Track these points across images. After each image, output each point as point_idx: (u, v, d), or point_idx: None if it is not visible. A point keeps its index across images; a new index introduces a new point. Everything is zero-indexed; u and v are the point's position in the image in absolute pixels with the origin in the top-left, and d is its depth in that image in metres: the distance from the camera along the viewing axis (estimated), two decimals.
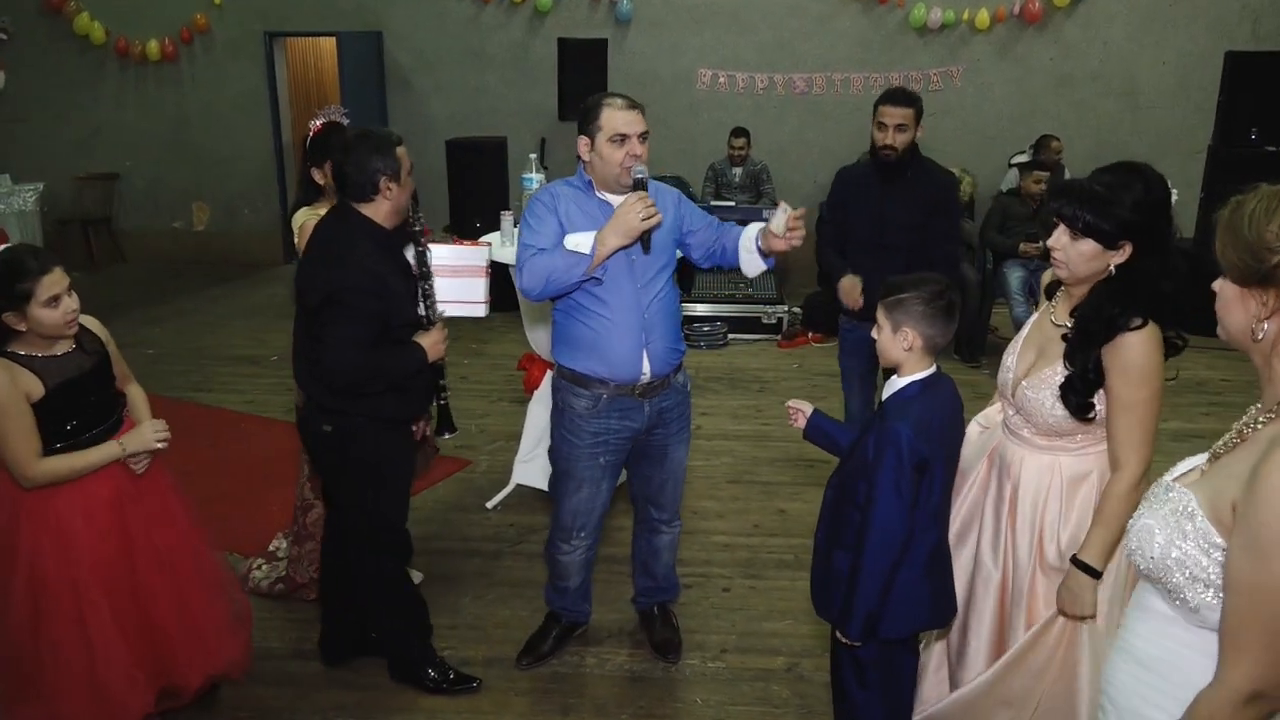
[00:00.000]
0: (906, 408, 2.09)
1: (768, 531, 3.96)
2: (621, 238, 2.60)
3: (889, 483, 2.05)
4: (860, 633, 2.13)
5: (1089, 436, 2.16)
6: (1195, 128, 8.12)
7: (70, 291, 2.36)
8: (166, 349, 6.37)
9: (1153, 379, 2.03)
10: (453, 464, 4.58)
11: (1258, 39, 8.02)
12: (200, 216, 9.14)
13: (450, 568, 3.68)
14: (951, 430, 2.20)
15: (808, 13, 8.31)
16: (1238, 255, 1.35)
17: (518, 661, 3.10)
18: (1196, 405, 5.27)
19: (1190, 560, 1.35)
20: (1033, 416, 2.17)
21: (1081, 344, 2.05)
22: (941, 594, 2.22)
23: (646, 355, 2.74)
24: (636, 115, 2.67)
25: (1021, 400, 2.18)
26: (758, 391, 5.67)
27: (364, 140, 2.58)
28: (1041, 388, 2.14)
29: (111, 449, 2.46)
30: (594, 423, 2.79)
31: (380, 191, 2.57)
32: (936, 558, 2.18)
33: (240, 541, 3.65)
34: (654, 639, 3.18)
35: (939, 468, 2.11)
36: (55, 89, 8.91)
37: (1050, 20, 8.16)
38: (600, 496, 2.91)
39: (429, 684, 2.93)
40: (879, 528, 2.06)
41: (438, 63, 8.67)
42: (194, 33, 8.70)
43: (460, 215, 7.21)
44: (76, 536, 2.42)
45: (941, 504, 2.18)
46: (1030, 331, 2.29)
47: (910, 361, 2.12)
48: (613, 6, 8.36)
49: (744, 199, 7.73)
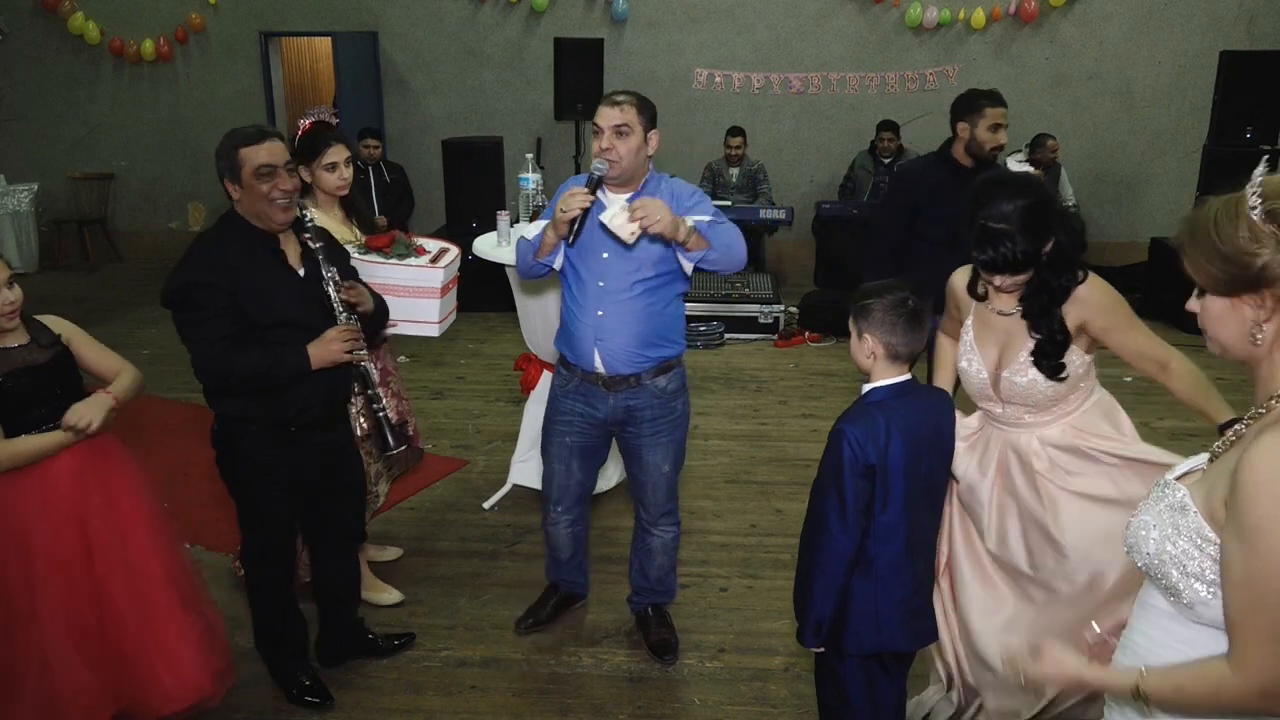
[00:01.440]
0: (864, 412, 2.06)
1: (765, 531, 3.96)
2: (552, 227, 2.65)
3: (830, 483, 2.03)
4: (811, 639, 2.12)
5: (1079, 395, 2.32)
6: (1191, 127, 8.14)
7: (12, 284, 2.39)
8: (163, 349, 6.35)
9: (1121, 302, 2.26)
10: (450, 464, 4.57)
11: (1253, 39, 8.04)
12: (196, 216, 9.12)
13: (447, 568, 3.68)
14: (920, 447, 2.07)
15: (804, 12, 8.32)
16: (1218, 268, 1.34)
17: (517, 626, 3.23)
18: None
19: (1184, 556, 1.36)
20: (1028, 398, 2.30)
21: (1042, 313, 2.24)
22: (907, 614, 2.12)
23: (598, 352, 2.77)
24: (610, 109, 2.67)
25: (1011, 389, 2.31)
26: (755, 391, 5.67)
27: (225, 138, 2.52)
28: (1026, 370, 2.28)
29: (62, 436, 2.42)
30: (563, 402, 2.92)
31: (228, 192, 2.53)
32: (897, 573, 2.09)
33: (238, 542, 3.63)
34: (650, 640, 3.18)
35: (896, 480, 2.03)
36: (50, 89, 8.89)
37: (1046, 20, 8.17)
38: (573, 476, 3.00)
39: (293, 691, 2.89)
40: (820, 529, 2.06)
41: (434, 62, 8.66)
42: (189, 32, 8.69)
43: (456, 215, 7.21)
44: (31, 536, 2.39)
45: (903, 521, 2.07)
46: (976, 333, 2.39)
47: (876, 369, 2.09)
48: (609, 6, 8.35)
49: (741, 199, 7.73)
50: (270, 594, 2.84)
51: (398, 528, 3.98)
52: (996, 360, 2.34)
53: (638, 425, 2.89)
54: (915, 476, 2.07)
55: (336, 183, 3.13)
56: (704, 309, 6.67)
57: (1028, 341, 2.27)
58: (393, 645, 3.12)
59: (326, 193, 3.13)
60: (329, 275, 2.58)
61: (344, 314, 2.60)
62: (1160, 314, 7.17)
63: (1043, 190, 2.26)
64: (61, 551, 2.43)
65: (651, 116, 2.75)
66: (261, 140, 2.47)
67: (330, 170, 3.10)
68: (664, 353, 2.84)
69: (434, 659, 3.13)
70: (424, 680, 3.03)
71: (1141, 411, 5.17)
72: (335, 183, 3.12)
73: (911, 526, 2.09)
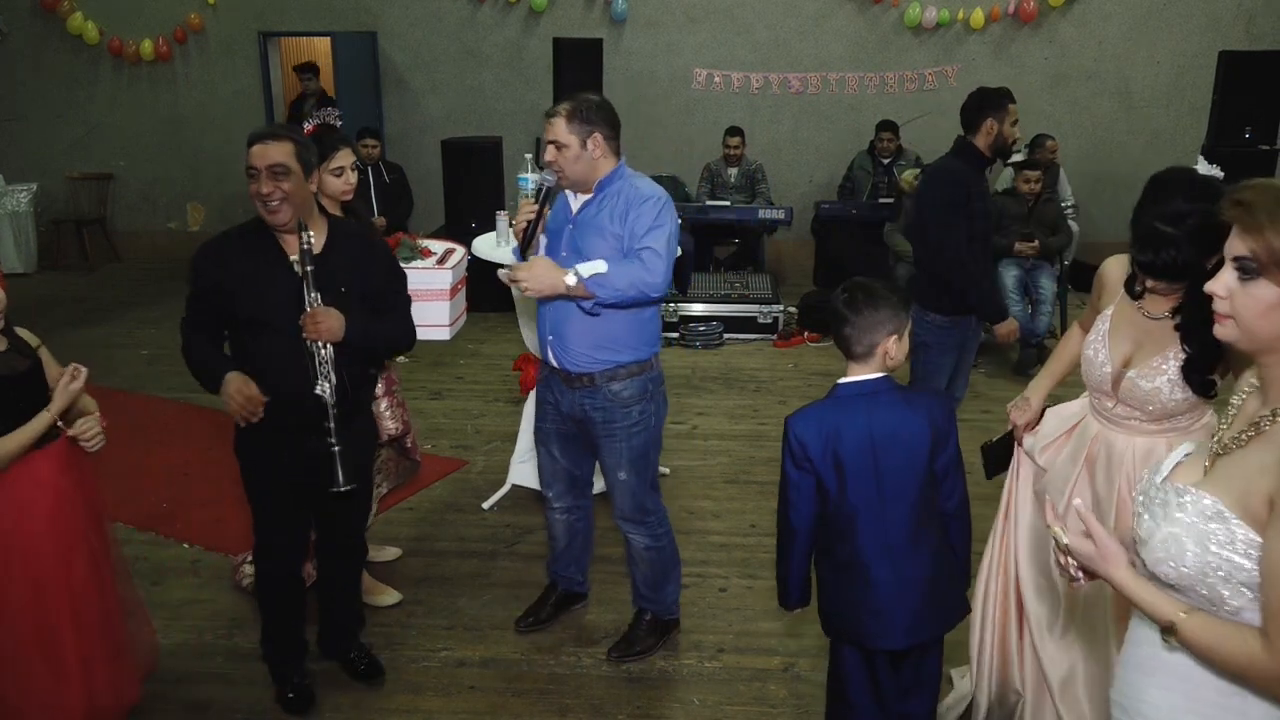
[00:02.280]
0: (818, 406, 2.16)
1: (764, 531, 3.96)
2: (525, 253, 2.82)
3: (784, 461, 2.16)
4: (781, 599, 2.32)
5: (1194, 414, 2.26)
6: (1190, 127, 8.15)
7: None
8: (162, 350, 6.34)
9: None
10: (449, 464, 4.57)
11: (1252, 39, 8.04)
12: (195, 217, 9.11)
13: (447, 568, 3.68)
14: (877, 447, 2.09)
15: (803, 12, 8.32)
16: None
17: (517, 625, 3.26)
18: None
19: (1229, 565, 1.29)
20: (1147, 404, 2.24)
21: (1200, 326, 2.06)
22: (868, 613, 2.15)
23: (550, 348, 2.88)
24: (546, 123, 2.80)
25: (1131, 390, 2.25)
26: (754, 391, 5.67)
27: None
28: (1155, 376, 2.20)
29: (42, 417, 2.39)
30: (541, 390, 3.07)
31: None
32: (855, 571, 2.14)
33: (237, 542, 3.64)
34: (623, 633, 3.24)
35: (850, 477, 2.09)
36: (49, 89, 8.88)
37: (1045, 20, 8.18)
38: (557, 461, 3.09)
39: (282, 694, 2.90)
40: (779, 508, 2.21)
41: (433, 63, 8.66)
42: (188, 32, 8.68)
43: (455, 215, 7.20)
44: (11, 535, 2.38)
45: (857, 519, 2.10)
46: (1113, 325, 2.31)
47: (849, 367, 2.17)
48: (608, 6, 8.35)
49: (740, 199, 7.73)
50: (268, 590, 2.86)
51: (397, 528, 3.98)
52: (1126, 358, 2.26)
53: (592, 426, 2.91)
54: (871, 475, 2.09)
55: (342, 187, 3.09)
56: (703, 309, 6.67)
57: (1167, 348, 2.19)
58: (359, 671, 3.01)
59: (330, 197, 3.06)
60: (311, 298, 2.51)
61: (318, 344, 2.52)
62: None
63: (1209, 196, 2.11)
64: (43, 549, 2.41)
65: (587, 120, 2.73)
66: (257, 141, 2.49)
67: (336, 175, 3.07)
68: (616, 357, 2.82)
69: (433, 659, 3.13)
70: (423, 680, 3.03)
71: None
72: (341, 187, 3.09)
73: (868, 526, 2.11)
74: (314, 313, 2.50)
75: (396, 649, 3.17)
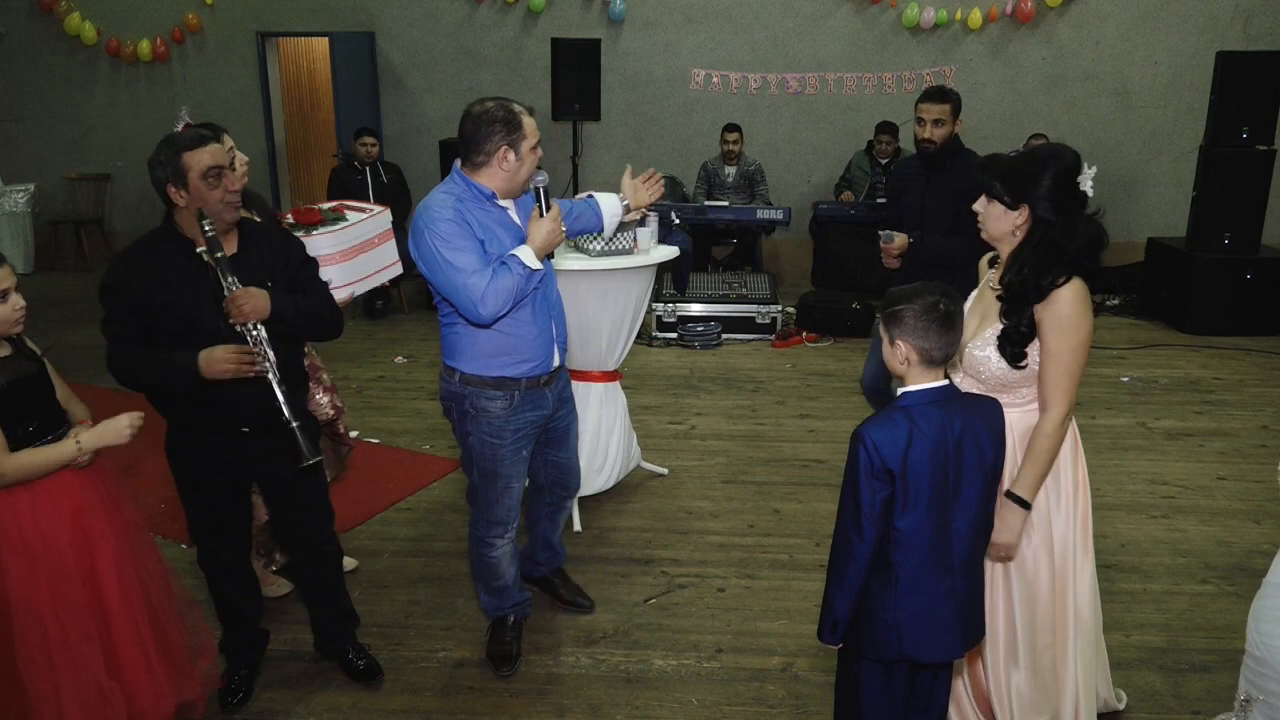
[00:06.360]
0: (888, 416, 2.04)
1: (762, 531, 3.96)
2: (548, 247, 2.75)
3: (848, 485, 2.03)
4: (829, 637, 2.14)
5: (1032, 390, 2.37)
6: (1187, 127, 8.17)
7: (17, 289, 2.37)
8: None
9: (1080, 328, 2.27)
10: (447, 465, 4.57)
11: (1249, 39, 8.06)
12: None
13: (445, 569, 3.67)
14: (948, 456, 2.03)
15: (801, 12, 8.33)
16: None
17: (499, 673, 3.04)
18: (1189, 404, 5.28)
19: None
20: (980, 373, 2.38)
21: (1016, 304, 2.30)
22: (928, 625, 2.08)
23: (556, 347, 2.93)
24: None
25: (969, 360, 2.39)
26: (752, 391, 5.67)
27: (164, 144, 2.49)
28: (986, 346, 2.36)
29: (68, 445, 2.41)
30: (513, 420, 2.85)
31: (171, 199, 2.52)
32: (919, 583, 2.06)
33: None
34: (565, 598, 3.38)
35: (919, 487, 2.00)
36: (47, 89, 8.88)
37: (1042, 20, 8.19)
38: (523, 487, 3.06)
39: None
40: (839, 532, 2.05)
41: (430, 63, 8.66)
42: (186, 33, 8.68)
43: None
44: (37, 554, 2.38)
45: (927, 530, 2.04)
46: (974, 303, 2.49)
47: (910, 374, 2.06)
48: (606, 7, 8.36)
49: (738, 199, 7.72)
50: (218, 588, 2.89)
51: (396, 528, 3.98)
52: (973, 331, 2.41)
53: (565, 405, 3.05)
54: (941, 485, 2.03)
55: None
56: (701, 309, 6.68)
57: (996, 323, 2.35)
58: (357, 671, 3.01)
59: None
60: (228, 283, 2.48)
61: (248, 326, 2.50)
62: (1156, 314, 7.19)
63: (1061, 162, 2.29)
64: (65, 569, 2.41)
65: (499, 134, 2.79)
66: (205, 143, 2.48)
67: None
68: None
69: (431, 660, 3.13)
70: (421, 681, 3.03)
71: (1138, 411, 5.18)
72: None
73: (937, 536, 2.04)
74: (235, 295, 2.47)
75: (395, 649, 3.16)
